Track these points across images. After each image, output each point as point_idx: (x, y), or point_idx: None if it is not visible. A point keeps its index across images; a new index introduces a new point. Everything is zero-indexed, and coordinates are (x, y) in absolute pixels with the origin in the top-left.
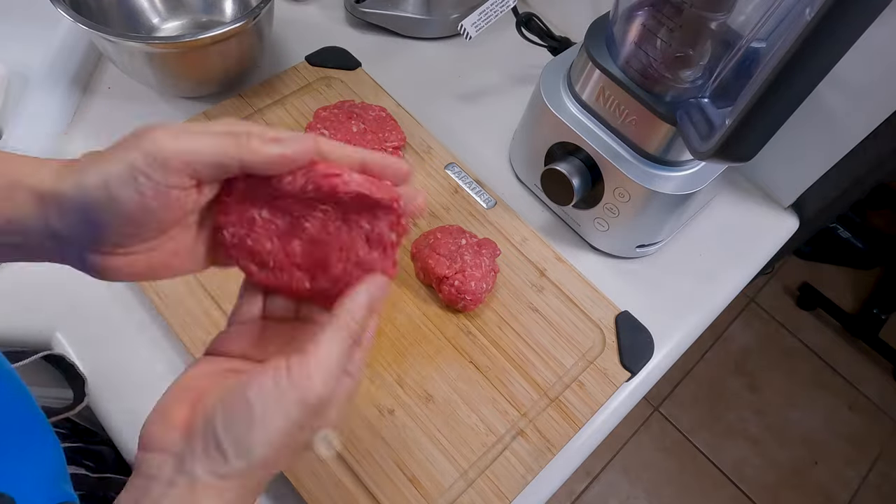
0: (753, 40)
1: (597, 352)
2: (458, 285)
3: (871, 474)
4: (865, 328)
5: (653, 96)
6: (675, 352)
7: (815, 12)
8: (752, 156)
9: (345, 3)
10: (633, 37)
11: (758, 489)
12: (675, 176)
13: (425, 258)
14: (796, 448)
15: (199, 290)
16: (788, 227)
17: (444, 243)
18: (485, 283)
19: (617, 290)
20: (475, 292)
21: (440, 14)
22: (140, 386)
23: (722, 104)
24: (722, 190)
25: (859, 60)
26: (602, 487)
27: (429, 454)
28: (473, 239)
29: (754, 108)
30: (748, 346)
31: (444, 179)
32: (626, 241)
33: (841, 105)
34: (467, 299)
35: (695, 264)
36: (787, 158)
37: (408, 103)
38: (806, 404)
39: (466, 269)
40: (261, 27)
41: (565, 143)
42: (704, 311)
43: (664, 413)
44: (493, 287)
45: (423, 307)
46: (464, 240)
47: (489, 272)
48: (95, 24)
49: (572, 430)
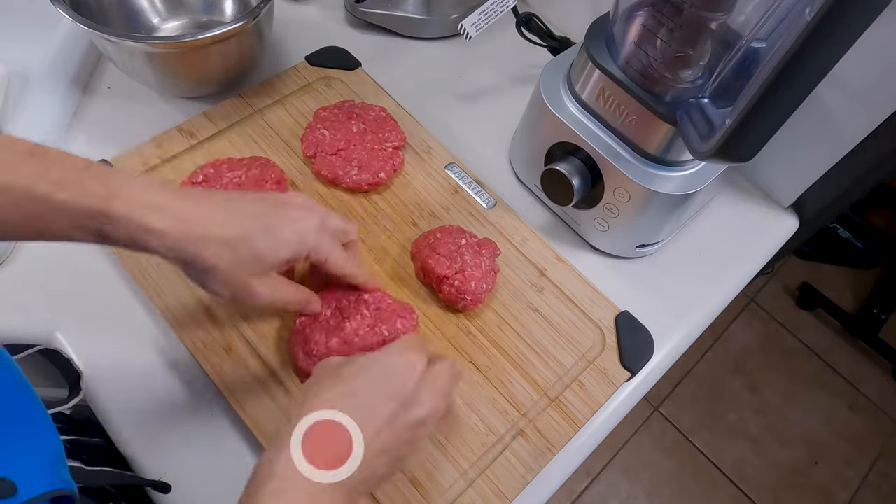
0: (753, 40)
1: (597, 352)
2: (458, 285)
3: (871, 474)
4: (865, 328)
5: (653, 96)
6: (675, 352)
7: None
8: (752, 156)
9: (345, 3)
10: (633, 37)
11: (758, 489)
12: (675, 176)
13: (425, 258)
14: (796, 448)
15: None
16: (788, 227)
17: (444, 243)
18: (485, 283)
19: (617, 290)
20: (475, 292)
21: (440, 14)
22: (140, 386)
23: (722, 104)
24: (722, 190)
25: (859, 60)
26: (602, 487)
27: (429, 454)
28: (473, 239)
29: (754, 108)
30: (748, 346)
31: (444, 179)
32: (626, 241)
33: (841, 105)
34: (467, 299)
35: (695, 264)
36: (787, 158)
37: (408, 103)
38: (806, 404)
39: (466, 269)
40: (261, 27)
41: (565, 143)
42: (704, 311)
43: (664, 413)
44: (493, 287)
45: (423, 307)
46: (464, 240)
47: (489, 272)
48: (95, 24)
49: (572, 430)
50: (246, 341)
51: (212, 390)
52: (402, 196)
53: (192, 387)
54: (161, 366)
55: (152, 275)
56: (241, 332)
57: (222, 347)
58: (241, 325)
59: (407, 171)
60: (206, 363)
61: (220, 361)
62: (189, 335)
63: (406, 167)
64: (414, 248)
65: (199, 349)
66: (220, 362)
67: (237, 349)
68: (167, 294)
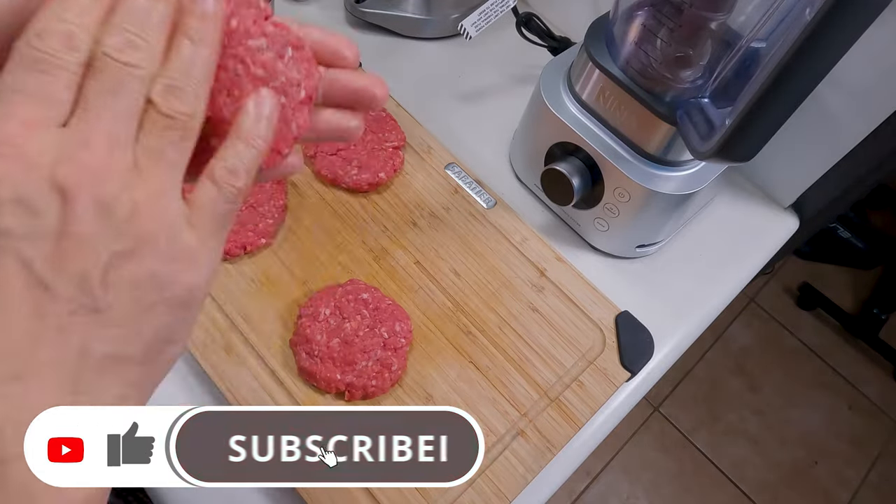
0: (753, 40)
1: (597, 352)
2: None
3: (871, 474)
4: (865, 328)
5: (653, 96)
6: (675, 352)
7: (814, 12)
8: (752, 156)
9: (345, 3)
10: (633, 37)
11: (758, 489)
12: (675, 176)
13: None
14: (796, 448)
15: None
16: (788, 227)
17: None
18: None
19: (617, 290)
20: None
21: (440, 14)
22: None
23: (722, 104)
24: (722, 190)
25: (859, 60)
26: (602, 487)
27: None
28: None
29: (754, 108)
30: (748, 346)
31: (443, 179)
32: (626, 241)
33: (841, 105)
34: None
35: (695, 264)
36: (787, 158)
37: (407, 103)
38: (806, 404)
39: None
40: None
41: (565, 143)
42: (704, 311)
43: (664, 413)
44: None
45: (424, 307)
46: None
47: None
48: None
49: (572, 430)
50: (246, 341)
51: (212, 390)
52: (403, 196)
53: (192, 387)
54: None
55: None
56: (241, 332)
57: (222, 347)
58: (241, 325)
59: (407, 171)
60: (206, 363)
61: (220, 361)
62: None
63: (406, 167)
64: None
65: (199, 349)
66: (220, 362)
67: (237, 349)
68: None
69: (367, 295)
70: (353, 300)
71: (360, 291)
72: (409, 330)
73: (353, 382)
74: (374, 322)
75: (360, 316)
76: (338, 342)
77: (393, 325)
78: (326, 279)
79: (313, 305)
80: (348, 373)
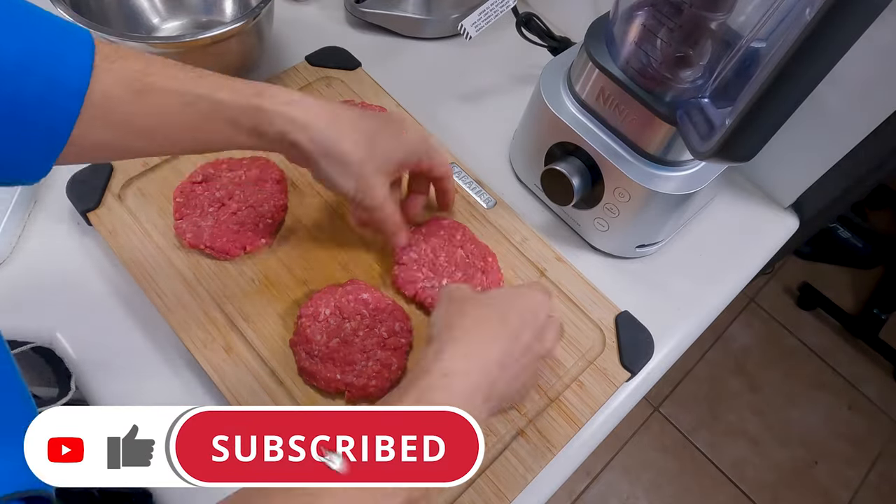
0: (753, 40)
1: (597, 352)
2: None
3: (871, 474)
4: (865, 328)
5: (653, 96)
6: (675, 352)
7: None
8: (752, 156)
9: (345, 3)
10: (632, 37)
11: (758, 489)
12: (675, 176)
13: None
14: (796, 448)
15: (200, 289)
16: (788, 227)
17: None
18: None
19: (617, 290)
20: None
21: (440, 14)
22: (141, 386)
23: (722, 104)
24: (722, 190)
25: (859, 60)
26: (602, 487)
27: None
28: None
29: (754, 108)
30: (748, 346)
31: None
32: (626, 241)
33: (841, 105)
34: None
35: (695, 264)
36: (787, 158)
37: (408, 103)
38: (806, 404)
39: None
40: (261, 27)
41: (565, 143)
42: (704, 311)
43: (664, 413)
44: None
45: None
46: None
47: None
48: (96, 24)
49: (572, 430)
50: (246, 341)
51: (212, 391)
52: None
53: (192, 387)
54: (162, 367)
55: (153, 275)
56: (241, 332)
57: (222, 347)
58: (241, 324)
59: None
60: (206, 363)
61: (220, 361)
62: (189, 335)
63: None
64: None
65: (199, 349)
66: (220, 362)
67: (237, 349)
68: (167, 294)
69: (367, 295)
70: (353, 300)
71: (360, 291)
72: (408, 330)
73: (352, 382)
74: (373, 322)
75: (360, 316)
76: (338, 342)
77: (393, 325)
78: (326, 279)
79: (313, 305)
80: (348, 373)
